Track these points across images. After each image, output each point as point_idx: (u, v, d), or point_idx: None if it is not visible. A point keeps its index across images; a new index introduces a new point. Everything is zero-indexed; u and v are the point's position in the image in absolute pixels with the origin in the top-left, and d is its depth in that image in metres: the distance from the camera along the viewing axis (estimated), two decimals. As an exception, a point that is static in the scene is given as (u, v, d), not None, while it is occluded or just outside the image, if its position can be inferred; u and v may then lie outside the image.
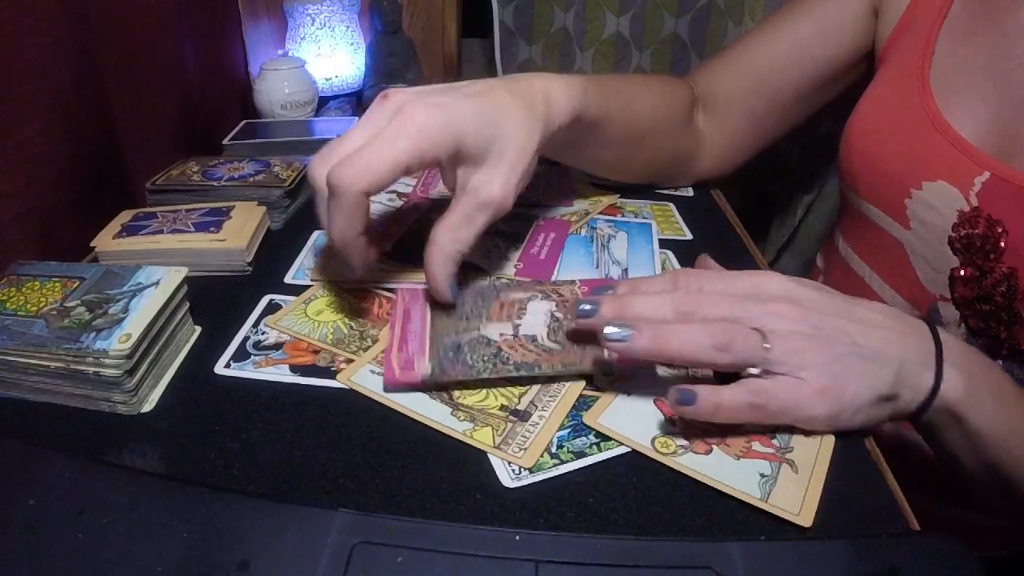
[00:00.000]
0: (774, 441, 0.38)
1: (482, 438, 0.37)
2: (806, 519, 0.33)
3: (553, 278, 0.52)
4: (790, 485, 0.35)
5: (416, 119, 0.40)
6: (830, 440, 0.38)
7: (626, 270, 0.54)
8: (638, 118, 0.59)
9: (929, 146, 0.53)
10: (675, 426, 0.38)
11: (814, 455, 0.37)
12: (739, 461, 0.36)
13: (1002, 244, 0.48)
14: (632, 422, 0.39)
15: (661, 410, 0.40)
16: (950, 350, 0.39)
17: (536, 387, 0.41)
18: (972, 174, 0.50)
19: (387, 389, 0.40)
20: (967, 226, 0.50)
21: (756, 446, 0.37)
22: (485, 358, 0.41)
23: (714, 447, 0.37)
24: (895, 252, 0.57)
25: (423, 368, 0.40)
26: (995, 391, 0.40)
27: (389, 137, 0.40)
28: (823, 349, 0.37)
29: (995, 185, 0.49)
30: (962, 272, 0.52)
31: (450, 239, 0.42)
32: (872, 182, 0.58)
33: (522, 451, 0.37)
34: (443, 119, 0.40)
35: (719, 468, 0.36)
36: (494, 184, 0.42)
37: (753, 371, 0.37)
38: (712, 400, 0.36)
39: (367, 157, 0.39)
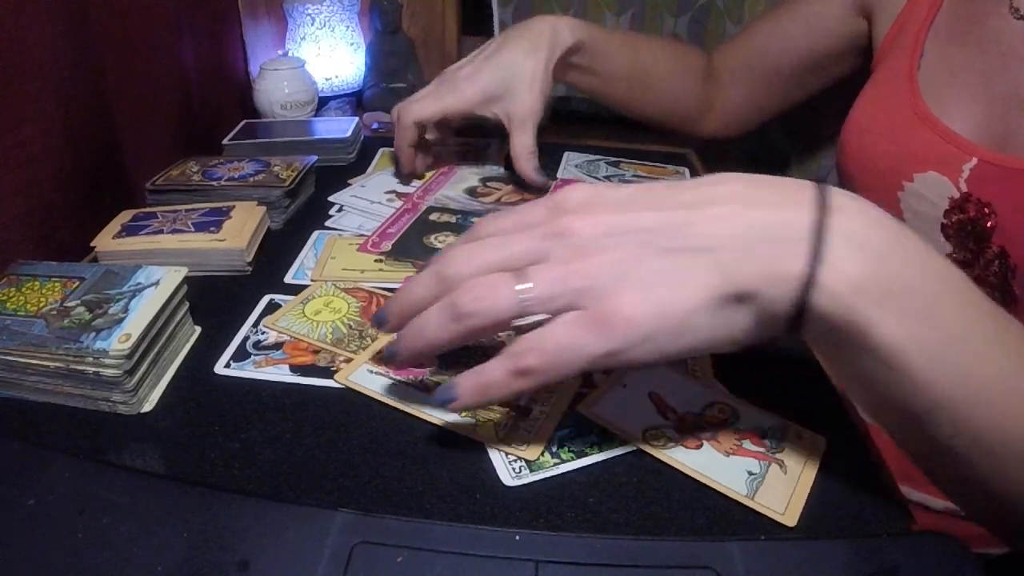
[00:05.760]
0: (765, 440, 0.38)
1: (485, 432, 0.37)
2: (790, 519, 0.33)
3: None
4: (777, 484, 0.35)
5: (457, 87, 0.62)
6: (822, 442, 0.38)
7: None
8: (644, 63, 0.72)
9: (918, 140, 0.55)
10: (668, 420, 0.39)
11: (805, 456, 0.37)
12: (728, 458, 0.36)
13: (990, 224, 0.49)
14: (624, 413, 0.39)
15: (655, 404, 0.40)
16: (847, 221, 0.29)
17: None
18: (960, 161, 0.51)
19: None
20: (957, 212, 0.52)
21: (747, 444, 0.37)
22: (487, 355, 0.42)
23: (704, 443, 0.37)
24: None
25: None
26: (931, 288, 0.29)
27: (441, 84, 0.63)
28: (613, 262, 0.30)
29: (983, 170, 0.50)
30: (954, 256, 0.53)
31: (521, 147, 0.61)
32: (867, 180, 0.60)
33: (526, 444, 0.37)
34: (470, 86, 0.61)
35: (707, 464, 0.36)
36: (524, 101, 0.60)
37: (534, 319, 0.31)
38: (473, 385, 0.32)
39: (417, 102, 0.63)
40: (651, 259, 0.29)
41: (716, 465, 0.36)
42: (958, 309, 0.29)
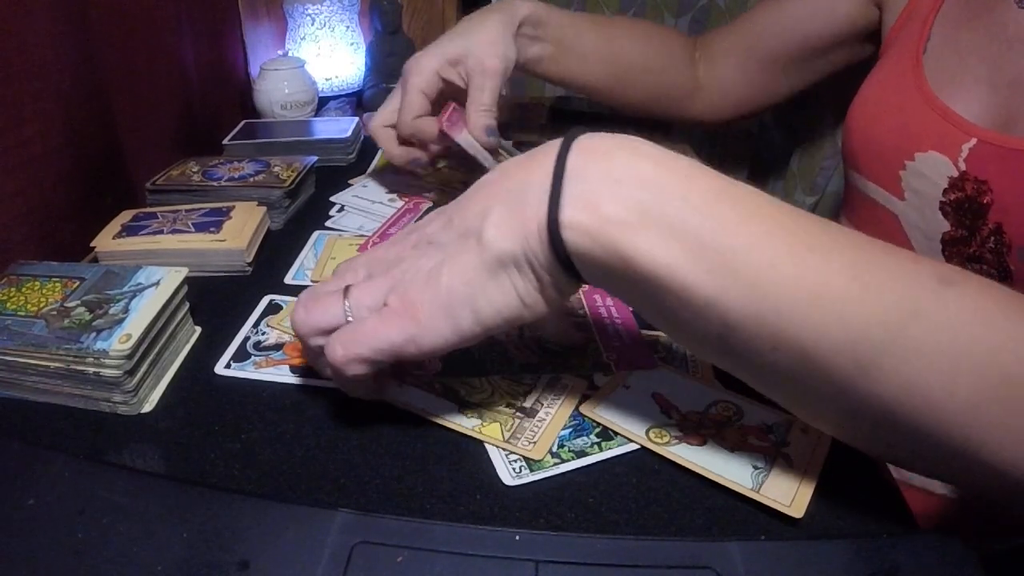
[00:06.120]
0: (770, 435, 0.38)
1: (491, 433, 0.37)
2: (797, 511, 0.33)
3: None
4: (783, 477, 0.35)
5: (417, 62, 0.61)
6: (827, 437, 0.38)
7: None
8: (620, 44, 0.71)
9: (921, 120, 0.56)
10: (671, 418, 0.39)
11: (810, 450, 0.37)
12: (733, 453, 0.36)
13: (987, 200, 0.50)
14: (628, 413, 0.39)
15: (658, 403, 0.40)
16: (591, 158, 0.30)
17: (540, 387, 0.41)
18: (960, 142, 0.52)
19: None
20: (956, 191, 0.53)
21: (751, 439, 0.37)
22: (492, 356, 0.43)
23: (708, 439, 0.37)
24: (891, 226, 0.60)
25: None
26: (701, 207, 0.28)
27: (404, 77, 0.62)
28: (407, 268, 0.34)
29: (981, 150, 0.51)
30: (951, 233, 0.54)
31: (476, 104, 0.58)
32: (869, 158, 0.61)
33: (532, 444, 0.37)
34: (429, 53, 0.61)
35: (712, 459, 0.36)
36: (482, 60, 0.59)
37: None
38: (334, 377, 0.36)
39: (382, 107, 0.63)
40: (432, 256, 0.33)
41: (721, 460, 0.36)
42: (740, 224, 0.28)
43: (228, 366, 0.43)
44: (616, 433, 0.38)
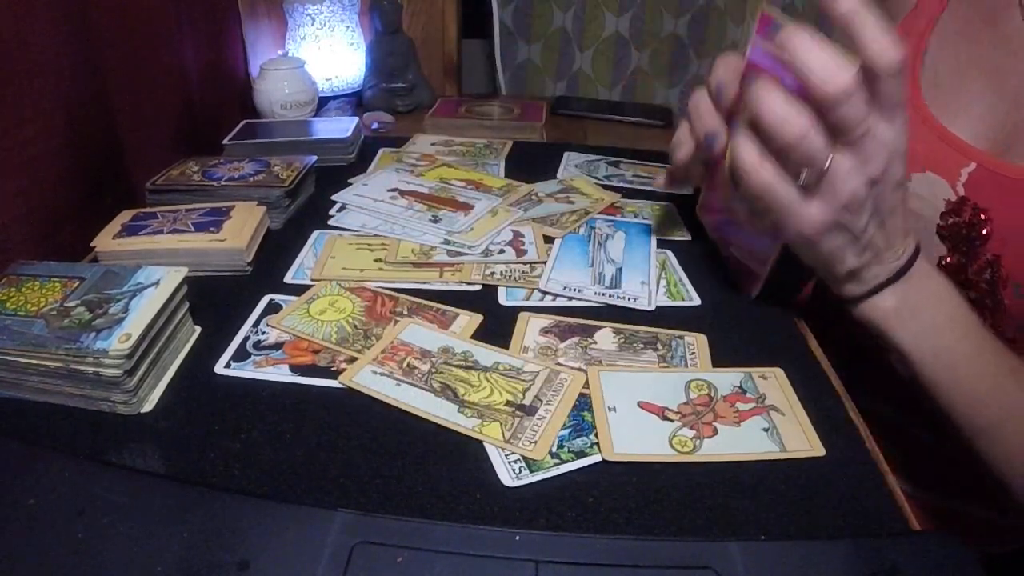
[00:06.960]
0: (748, 395, 0.40)
1: (491, 433, 0.37)
2: (819, 449, 0.37)
3: (547, 275, 0.52)
4: (788, 426, 0.39)
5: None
6: (780, 372, 0.43)
7: (621, 269, 0.54)
8: None
9: (917, 139, 0.55)
10: (672, 421, 0.39)
11: (781, 391, 0.41)
12: (740, 427, 0.38)
13: (985, 231, 0.50)
14: (643, 439, 0.38)
15: (650, 412, 0.40)
16: (911, 281, 0.44)
17: (539, 383, 0.41)
18: (959, 165, 0.51)
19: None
20: (953, 215, 0.52)
21: (740, 406, 0.39)
22: None
23: (715, 424, 0.38)
24: None
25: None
26: (941, 323, 0.44)
27: None
28: (844, 211, 0.40)
29: (981, 175, 0.50)
30: (948, 259, 0.53)
31: None
32: None
33: (532, 444, 0.37)
34: None
35: (733, 442, 0.37)
36: None
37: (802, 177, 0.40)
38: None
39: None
40: (845, 234, 0.42)
41: (739, 438, 0.37)
42: (959, 338, 0.44)
43: (228, 366, 0.43)
44: (652, 462, 0.37)
